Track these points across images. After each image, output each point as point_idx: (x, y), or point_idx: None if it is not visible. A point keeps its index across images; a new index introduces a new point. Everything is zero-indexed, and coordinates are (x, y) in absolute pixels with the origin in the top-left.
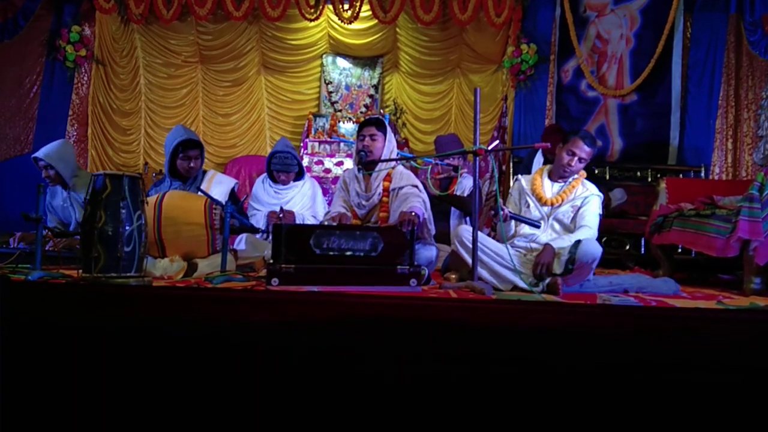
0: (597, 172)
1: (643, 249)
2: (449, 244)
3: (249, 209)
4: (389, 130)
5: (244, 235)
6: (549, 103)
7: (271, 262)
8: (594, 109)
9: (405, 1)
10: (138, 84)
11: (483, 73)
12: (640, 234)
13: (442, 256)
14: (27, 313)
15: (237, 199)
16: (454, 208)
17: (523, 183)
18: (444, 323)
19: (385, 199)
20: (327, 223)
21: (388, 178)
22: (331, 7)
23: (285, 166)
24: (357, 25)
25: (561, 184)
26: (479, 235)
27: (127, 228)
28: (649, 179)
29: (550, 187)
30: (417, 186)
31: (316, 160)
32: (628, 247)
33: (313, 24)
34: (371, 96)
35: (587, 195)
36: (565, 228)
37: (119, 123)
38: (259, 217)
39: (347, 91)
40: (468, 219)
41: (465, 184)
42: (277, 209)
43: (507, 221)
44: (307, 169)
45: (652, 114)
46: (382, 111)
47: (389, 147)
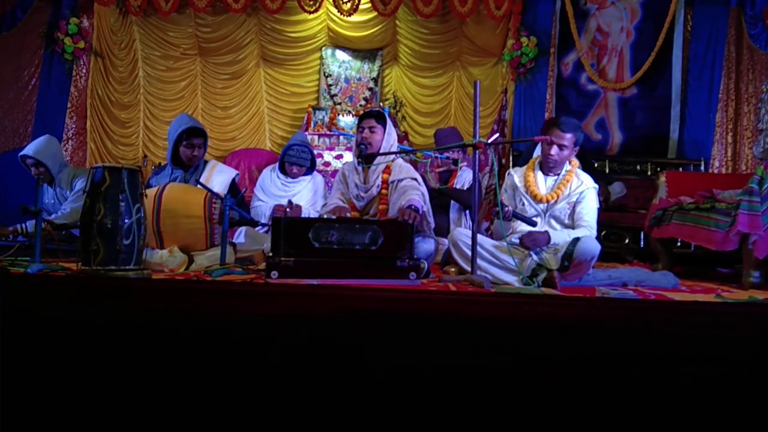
0: (597, 165)
1: (642, 242)
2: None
3: (253, 200)
4: (389, 123)
5: (243, 228)
6: (549, 97)
7: (271, 255)
8: (594, 103)
9: None
10: (137, 76)
11: (483, 66)
12: (639, 227)
13: (442, 250)
14: (26, 305)
15: (237, 190)
16: (453, 202)
17: (516, 179)
18: (443, 316)
19: (384, 191)
20: (325, 216)
21: (387, 170)
22: None
23: (300, 160)
24: (356, 18)
25: (554, 178)
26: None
27: (126, 221)
28: (649, 173)
29: (543, 182)
30: (416, 179)
31: (315, 153)
32: (627, 240)
33: (312, 16)
34: (371, 89)
35: (583, 190)
36: (563, 225)
37: (118, 116)
38: (263, 209)
39: (347, 84)
40: (467, 212)
41: (464, 178)
42: (282, 202)
43: (508, 219)
44: None
45: (652, 107)
46: (381, 104)
47: (389, 140)
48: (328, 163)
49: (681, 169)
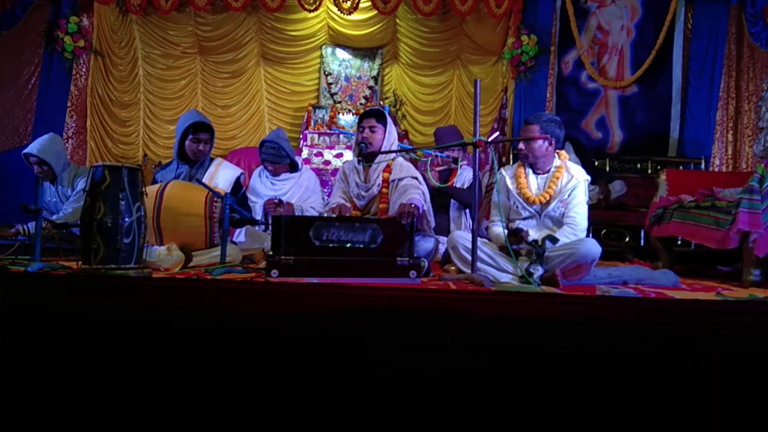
0: (597, 163)
1: (642, 241)
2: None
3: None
4: (390, 122)
5: (244, 227)
6: (549, 95)
7: (271, 253)
8: (594, 101)
9: None
10: (137, 75)
11: (483, 64)
12: (639, 226)
13: (441, 248)
14: (27, 304)
15: (240, 188)
16: (453, 200)
17: (508, 181)
18: (443, 314)
19: (384, 190)
20: (326, 214)
21: (388, 169)
22: None
23: (270, 157)
24: (356, 16)
25: (544, 176)
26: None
27: (126, 219)
28: (649, 171)
29: (534, 181)
30: (417, 178)
31: (315, 151)
32: (627, 239)
33: (312, 15)
34: (371, 87)
35: (574, 185)
36: (558, 224)
37: (118, 114)
38: (255, 208)
39: (347, 83)
40: (467, 211)
41: (465, 176)
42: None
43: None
44: (306, 161)
45: (652, 106)
46: (381, 102)
47: (390, 139)
48: (328, 162)
49: (681, 167)
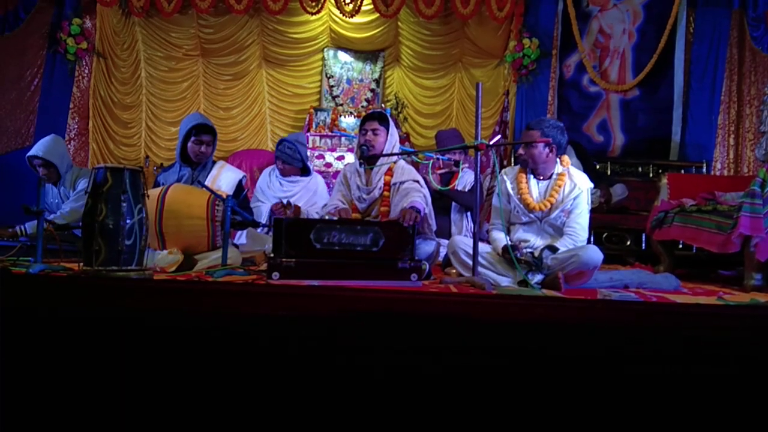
0: (598, 167)
1: (644, 245)
2: (450, 238)
3: (252, 200)
4: (392, 124)
5: (245, 230)
6: (551, 98)
7: (272, 255)
8: (596, 104)
9: None
10: (139, 77)
11: (485, 67)
12: (641, 229)
13: (443, 251)
14: (28, 306)
15: (242, 191)
16: (454, 203)
17: (509, 186)
18: (444, 317)
19: (386, 193)
20: (327, 217)
21: (390, 172)
22: (332, 0)
23: (284, 155)
24: (358, 19)
25: (546, 182)
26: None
27: (128, 221)
28: (651, 175)
29: (536, 188)
30: (418, 181)
31: (317, 154)
32: (628, 242)
33: (314, 17)
34: (372, 90)
35: (577, 195)
36: (559, 232)
37: (120, 116)
38: (263, 209)
39: (348, 85)
40: (468, 214)
41: (466, 179)
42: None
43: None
44: None
45: (654, 109)
46: (383, 105)
47: (391, 141)
48: (329, 164)
49: (683, 171)
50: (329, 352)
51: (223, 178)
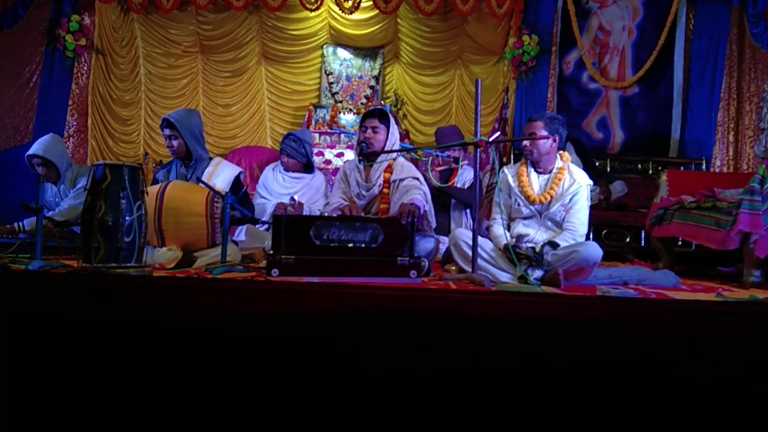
0: (598, 164)
1: (643, 241)
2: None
3: (255, 197)
4: (393, 122)
5: (244, 226)
6: (550, 95)
7: (272, 252)
8: (595, 101)
9: None
10: (138, 74)
11: (484, 64)
12: (640, 226)
13: (442, 248)
14: (27, 302)
15: (240, 188)
16: (454, 200)
17: (510, 179)
18: (444, 314)
19: (385, 190)
20: (327, 214)
21: (390, 169)
22: None
23: (289, 149)
24: (358, 16)
25: (546, 176)
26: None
27: (127, 218)
28: (650, 172)
29: (536, 180)
30: (418, 178)
31: (316, 151)
32: (628, 239)
33: (313, 14)
34: (372, 87)
35: (576, 190)
36: (559, 226)
37: (119, 113)
38: (266, 206)
39: (348, 82)
40: (468, 211)
41: (465, 176)
42: (284, 199)
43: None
44: None
45: (653, 106)
46: (382, 102)
47: (392, 139)
48: (329, 161)
49: (682, 168)
50: (328, 349)
51: (219, 175)
